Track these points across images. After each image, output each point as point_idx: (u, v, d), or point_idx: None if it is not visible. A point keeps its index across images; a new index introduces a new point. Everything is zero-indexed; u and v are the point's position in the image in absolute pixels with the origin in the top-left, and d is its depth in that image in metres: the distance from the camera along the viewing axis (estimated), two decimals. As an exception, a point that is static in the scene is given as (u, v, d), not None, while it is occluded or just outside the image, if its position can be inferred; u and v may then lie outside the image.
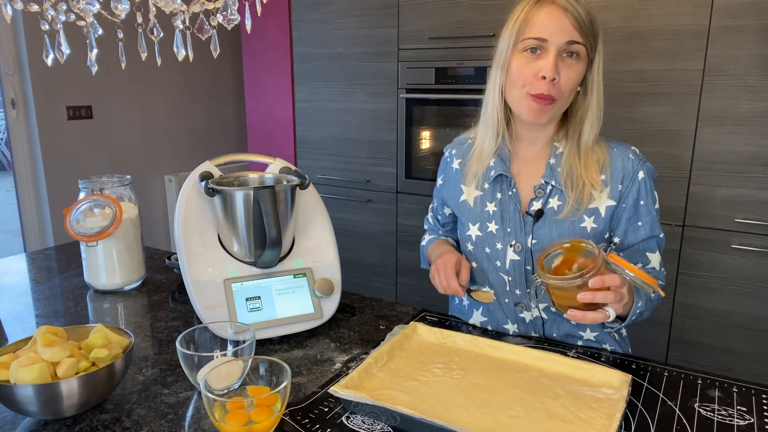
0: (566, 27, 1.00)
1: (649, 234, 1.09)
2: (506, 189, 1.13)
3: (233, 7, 0.89)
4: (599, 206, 1.08)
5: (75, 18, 0.88)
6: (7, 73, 2.65)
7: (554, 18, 1.00)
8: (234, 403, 0.72)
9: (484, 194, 1.16)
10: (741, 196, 1.95)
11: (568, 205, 1.08)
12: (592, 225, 1.09)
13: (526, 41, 1.02)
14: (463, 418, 0.79)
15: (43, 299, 1.29)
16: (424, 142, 2.58)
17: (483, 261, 1.17)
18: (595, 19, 1.03)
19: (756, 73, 1.87)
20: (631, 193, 1.08)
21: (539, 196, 1.11)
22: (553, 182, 1.10)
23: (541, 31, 1.01)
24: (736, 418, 0.83)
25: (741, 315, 2.01)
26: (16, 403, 0.77)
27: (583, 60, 1.03)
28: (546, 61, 1.01)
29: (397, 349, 0.99)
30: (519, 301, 1.15)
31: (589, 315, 0.89)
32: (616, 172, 1.09)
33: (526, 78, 1.03)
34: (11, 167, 3.01)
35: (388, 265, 2.74)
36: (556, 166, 1.10)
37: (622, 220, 1.09)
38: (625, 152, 1.10)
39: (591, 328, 1.15)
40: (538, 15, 1.02)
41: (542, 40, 1.01)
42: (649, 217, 1.09)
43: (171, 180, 3.27)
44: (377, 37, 2.56)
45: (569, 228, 1.09)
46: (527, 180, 1.13)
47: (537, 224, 1.10)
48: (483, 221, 1.15)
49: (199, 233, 1.11)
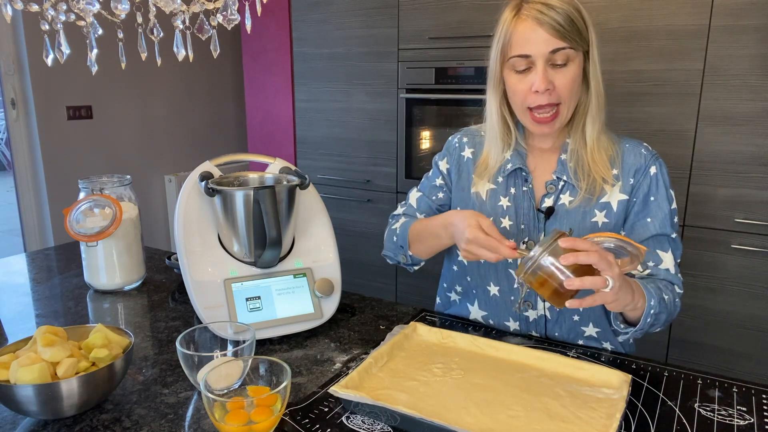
0: (545, 38, 0.99)
1: (659, 231, 1.07)
2: (520, 184, 1.13)
3: (233, 7, 0.89)
4: (611, 200, 1.08)
5: (75, 18, 0.88)
6: (7, 73, 2.65)
7: (530, 32, 1.00)
8: (234, 403, 0.72)
9: (497, 188, 1.15)
10: (741, 196, 1.95)
11: (579, 196, 1.08)
12: (603, 219, 1.08)
13: (513, 60, 1.03)
14: (463, 418, 0.79)
15: (43, 299, 1.29)
16: (424, 142, 2.58)
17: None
18: (576, 15, 1.01)
19: (756, 73, 1.87)
20: (642, 187, 1.08)
21: (551, 192, 1.11)
22: (564, 177, 1.09)
23: (523, 48, 1.01)
24: (736, 418, 0.83)
25: (741, 315, 2.01)
26: (16, 403, 0.77)
27: (576, 59, 1.02)
28: (535, 75, 1.01)
29: (397, 349, 0.99)
30: (526, 299, 1.15)
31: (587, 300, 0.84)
32: (627, 166, 1.09)
33: (522, 95, 1.04)
34: (11, 167, 3.01)
35: (388, 265, 2.74)
36: (568, 161, 1.10)
37: (631, 214, 1.09)
38: (637, 148, 1.11)
39: (594, 323, 1.14)
40: (516, 32, 1.02)
41: (526, 57, 1.01)
42: (661, 214, 1.07)
43: (171, 180, 3.27)
44: (377, 37, 2.56)
45: (580, 225, 1.09)
46: (541, 175, 1.14)
47: (549, 221, 1.10)
48: (497, 216, 1.15)
49: (199, 233, 1.11)
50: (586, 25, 1.03)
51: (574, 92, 1.05)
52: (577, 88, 1.05)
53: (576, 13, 1.01)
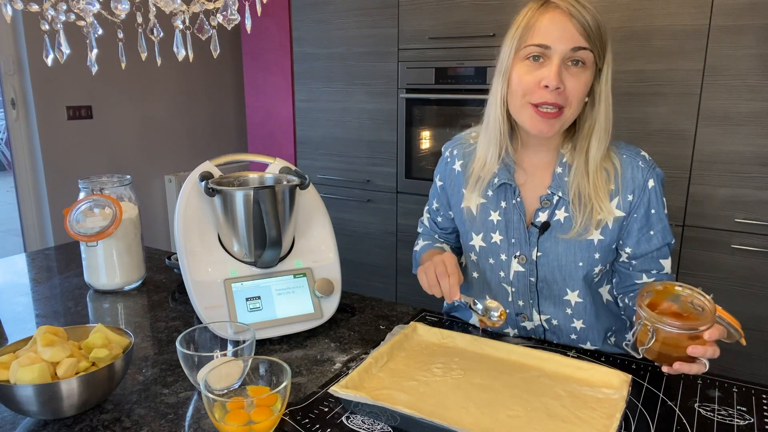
0: (571, 33, 0.94)
1: (662, 242, 1.06)
2: (510, 197, 1.09)
3: (233, 7, 0.89)
4: (607, 219, 1.04)
5: (75, 18, 0.88)
6: (7, 73, 2.65)
7: (558, 23, 0.95)
8: (234, 403, 0.72)
9: (487, 202, 1.12)
10: (741, 196, 1.95)
11: (576, 226, 1.04)
12: (599, 237, 1.05)
13: (528, 48, 0.97)
14: (463, 418, 0.79)
15: (43, 299, 1.29)
16: (424, 142, 2.58)
17: (486, 271, 1.15)
18: (603, 26, 0.97)
19: (756, 73, 1.87)
20: (642, 203, 1.04)
21: (545, 206, 1.07)
22: (560, 193, 1.05)
23: (544, 38, 0.96)
24: (736, 418, 0.83)
25: (741, 315, 1.99)
26: (16, 403, 0.77)
27: (590, 68, 0.98)
28: (549, 70, 0.96)
29: (397, 349, 0.99)
30: (521, 311, 1.13)
31: (694, 367, 0.84)
32: (626, 182, 1.04)
33: (527, 86, 0.98)
34: (11, 167, 3.01)
35: (388, 265, 2.74)
36: (563, 175, 1.05)
37: (633, 231, 1.05)
38: (635, 159, 1.05)
39: (591, 342, 1.12)
40: (541, 20, 0.96)
41: (545, 47, 0.96)
42: (661, 224, 1.05)
43: (171, 180, 3.27)
44: (377, 37, 2.56)
45: (575, 243, 1.05)
46: (533, 189, 1.09)
47: (542, 237, 1.07)
48: (487, 231, 1.12)
49: (199, 233, 1.11)
50: (607, 42, 0.99)
51: (579, 101, 0.99)
52: (582, 98, 1.00)
53: (602, 23, 0.97)
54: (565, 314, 1.11)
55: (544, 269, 1.08)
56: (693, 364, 0.84)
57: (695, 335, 0.82)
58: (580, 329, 1.12)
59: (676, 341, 0.83)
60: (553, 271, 1.07)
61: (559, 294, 1.09)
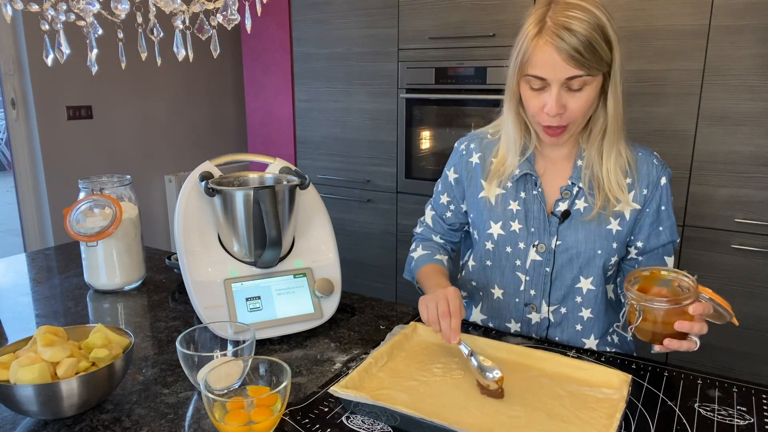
0: (561, 66, 0.96)
1: (670, 239, 1.11)
2: (530, 188, 1.12)
3: (233, 7, 0.89)
4: (625, 210, 1.09)
5: (75, 18, 0.88)
6: (7, 73, 2.65)
7: (548, 57, 0.96)
8: (234, 403, 0.72)
9: (506, 192, 1.15)
10: (741, 196, 1.95)
11: (595, 210, 1.08)
12: (617, 228, 1.09)
13: (528, 78, 1.01)
14: (463, 418, 0.79)
15: (43, 299, 1.29)
16: (424, 142, 2.58)
17: (502, 260, 1.16)
18: (598, 37, 0.95)
19: (756, 73, 1.87)
20: (654, 198, 1.09)
21: (565, 197, 1.10)
22: (580, 184, 1.09)
23: (540, 70, 0.98)
24: (736, 418, 0.83)
25: (741, 315, 2.01)
26: (16, 403, 0.77)
27: (593, 83, 0.99)
28: (549, 97, 0.99)
29: (397, 349, 0.99)
30: (530, 302, 1.15)
31: (684, 344, 0.88)
32: (641, 176, 1.09)
33: (533, 110, 1.04)
34: (11, 167, 3.01)
35: (388, 265, 2.74)
36: (583, 167, 1.09)
37: (645, 226, 1.10)
38: (649, 157, 1.11)
39: (594, 335, 1.14)
40: (535, 52, 0.98)
41: (542, 79, 0.99)
42: (669, 222, 1.11)
43: (171, 180, 3.27)
44: (377, 37, 2.56)
45: (595, 231, 1.08)
46: (553, 180, 1.13)
47: (562, 225, 1.10)
48: (506, 220, 1.14)
49: (199, 233, 1.11)
50: (610, 46, 0.98)
51: (586, 113, 1.03)
52: (590, 108, 1.03)
53: (598, 35, 0.95)
54: (574, 302, 1.13)
55: (562, 257, 1.11)
56: (683, 341, 0.88)
57: (680, 310, 0.86)
58: (587, 319, 1.13)
59: (664, 318, 0.87)
60: (571, 259, 1.10)
61: (572, 282, 1.12)
